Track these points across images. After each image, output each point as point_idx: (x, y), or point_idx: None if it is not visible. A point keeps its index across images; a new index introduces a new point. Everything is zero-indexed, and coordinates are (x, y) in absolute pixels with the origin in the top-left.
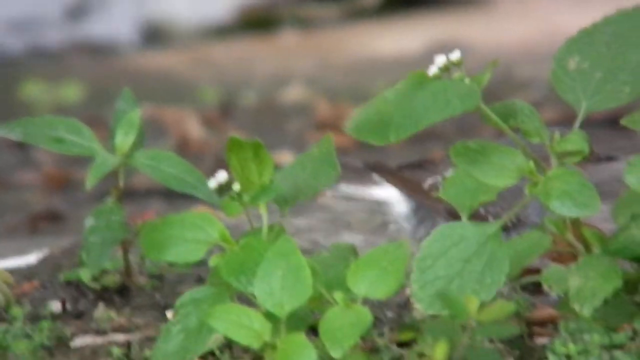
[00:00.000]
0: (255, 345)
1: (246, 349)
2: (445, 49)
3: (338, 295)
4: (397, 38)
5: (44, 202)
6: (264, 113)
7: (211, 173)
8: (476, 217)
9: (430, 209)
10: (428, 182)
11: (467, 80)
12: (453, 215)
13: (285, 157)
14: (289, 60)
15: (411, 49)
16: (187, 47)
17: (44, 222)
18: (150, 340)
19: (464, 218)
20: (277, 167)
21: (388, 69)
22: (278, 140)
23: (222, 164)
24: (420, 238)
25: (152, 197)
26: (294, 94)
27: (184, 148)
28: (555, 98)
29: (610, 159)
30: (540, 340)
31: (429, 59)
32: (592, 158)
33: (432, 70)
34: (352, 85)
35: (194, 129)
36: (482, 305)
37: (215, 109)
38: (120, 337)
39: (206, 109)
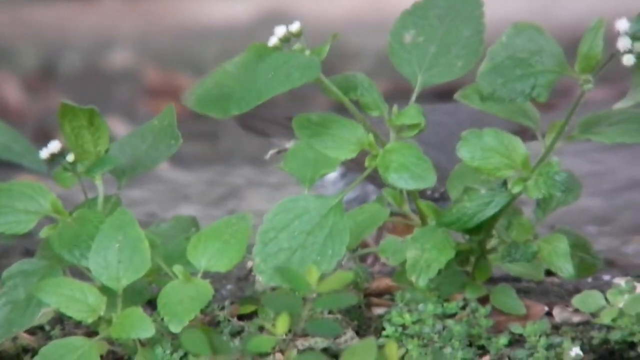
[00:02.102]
0: (89, 319)
1: (79, 324)
2: (275, 18)
3: (178, 269)
4: (225, 4)
5: None
6: (88, 78)
7: (34, 141)
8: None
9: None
10: (270, 152)
11: (307, 52)
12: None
13: (115, 125)
14: (114, 24)
15: (240, 16)
16: (1, 6)
17: None
18: None
19: (306, 190)
20: (111, 137)
21: (218, 35)
22: (106, 106)
23: (45, 132)
24: (347, 200)
25: None
26: (120, 58)
27: (2, 114)
28: (385, 70)
29: None
30: (378, 311)
31: (259, 28)
32: None
33: (273, 40)
34: (181, 51)
35: (13, 93)
36: (322, 276)
37: (35, 73)
38: None
39: (25, 73)
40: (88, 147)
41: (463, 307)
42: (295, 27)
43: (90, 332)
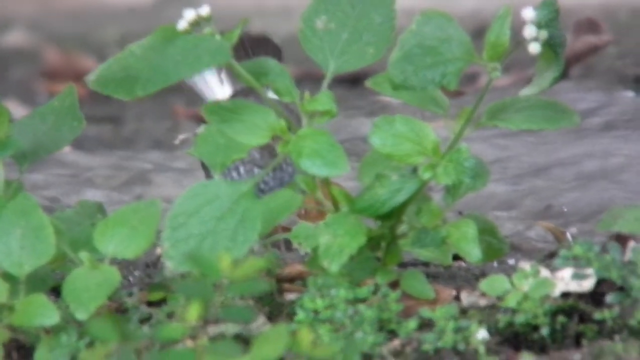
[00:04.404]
0: None
1: None
2: (177, 1)
3: (84, 255)
4: None
5: None
6: None
7: None
8: None
9: None
10: (180, 137)
11: (217, 36)
12: None
13: (13, 107)
14: (9, 3)
15: None
16: None
17: None
18: None
19: (216, 175)
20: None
21: (118, 17)
22: (2, 88)
23: None
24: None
25: None
26: (16, 39)
27: None
28: (291, 55)
29: None
30: (290, 296)
31: (160, 10)
32: None
33: (182, 24)
34: (80, 32)
35: None
36: (234, 263)
37: None
38: None
39: None
40: None
41: (374, 292)
42: (205, 10)
43: None
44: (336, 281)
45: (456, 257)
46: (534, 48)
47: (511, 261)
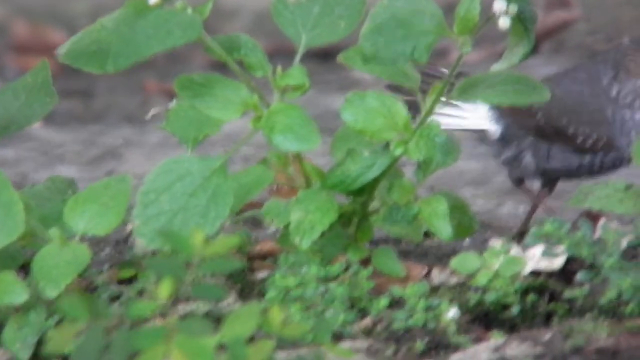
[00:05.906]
0: None
1: None
2: None
3: (54, 232)
4: None
5: None
6: None
7: None
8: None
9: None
10: (152, 111)
11: (189, 11)
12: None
13: None
14: None
15: None
16: None
17: None
18: None
19: (189, 150)
20: None
21: None
22: None
23: None
24: (505, 159)
25: None
26: None
27: None
28: (263, 29)
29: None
30: (261, 274)
31: None
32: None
33: None
34: (50, 5)
35: None
36: (206, 240)
37: None
38: None
39: None
40: None
41: (345, 270)
42: None
43: None
44: (307, 258)
45: (427, 234)
46: (504, 22)
47: (482, 239)
